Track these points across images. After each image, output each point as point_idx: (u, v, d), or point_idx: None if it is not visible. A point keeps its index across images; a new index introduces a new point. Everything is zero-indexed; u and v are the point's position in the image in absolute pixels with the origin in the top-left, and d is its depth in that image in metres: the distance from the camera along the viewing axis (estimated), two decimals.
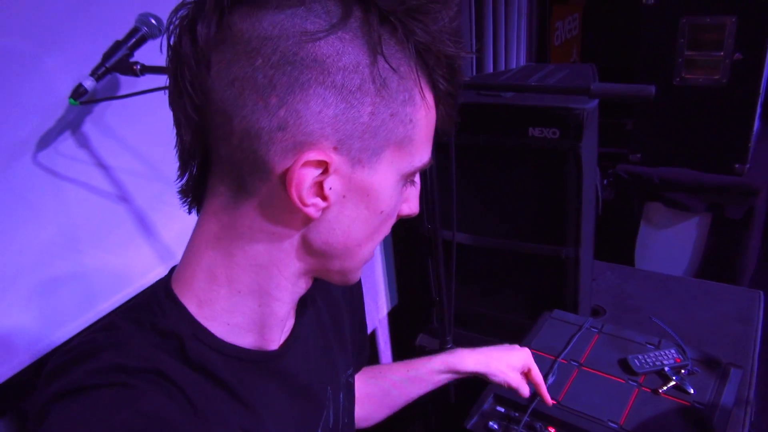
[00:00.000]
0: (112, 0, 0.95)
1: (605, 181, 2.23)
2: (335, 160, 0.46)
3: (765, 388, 1.88)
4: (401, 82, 0.46)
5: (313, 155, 0.45)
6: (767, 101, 2.07)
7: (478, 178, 1.35)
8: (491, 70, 2.13)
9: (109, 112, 1.00)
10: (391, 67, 0.46)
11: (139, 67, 0.92)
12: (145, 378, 0.45)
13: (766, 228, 2.23)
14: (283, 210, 0.48)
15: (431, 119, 0.51)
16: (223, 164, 0.48)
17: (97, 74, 0.91)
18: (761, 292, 1.46)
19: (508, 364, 0.89)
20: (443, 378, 0.90)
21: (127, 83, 1.01)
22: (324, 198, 0.47)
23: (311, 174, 0.45)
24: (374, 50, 0.45)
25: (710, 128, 1.99)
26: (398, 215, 0.55)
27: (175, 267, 0.56)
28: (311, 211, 0.47)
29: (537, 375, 0.91)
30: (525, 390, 0.90)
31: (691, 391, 0.98)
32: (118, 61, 0.92)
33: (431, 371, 0.89)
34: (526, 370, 0.91)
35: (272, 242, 0.51)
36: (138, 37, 0.93)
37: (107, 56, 0.92)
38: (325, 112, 0.44)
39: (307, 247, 0.52)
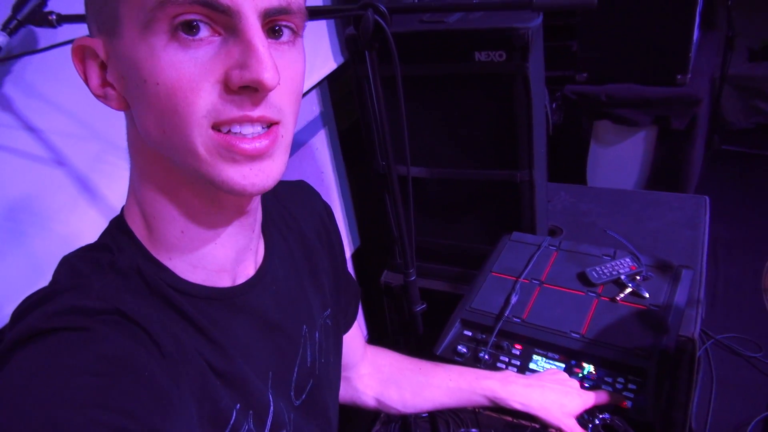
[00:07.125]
0: None
1: (554, 105, 2.24)
2: (96, 42, 0.47)
3: (712, 287, 1.99)
4: None
5: (79, 41, 0.47)
6: (705, 10, 2.09)
7: (427, 109, 1.33)
8: None
9: (29, 69, 0.93)
10: None
11: (54, 17, 0.85)
12: (104, 320, 0.44)
13: (707, 136, 2.30)
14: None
15: None
16: None
17: (8, 28, 0.84)
18: (707, 198, 1.52)
19: (563, 411, 0.82)
20: (481, 402, 0.84)
21: (45, 36, 0.93)
22: (113, 87, 0.48)
23: (90, 65, 0.47)
24: None
25: (652, 41, 2.01)
26: (236, 84, 0.43)
27: None
28: (111, 104, 0.48)
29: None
30: None
31: (646, 295, 1.03)
32: (30, 12, 0.85)
33: (473, 392, 0.84)
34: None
35: (133, 152, 0.52)
36: None
37: (17, 7, 0.85)
38: None
39: (150, 149, 0.50)
